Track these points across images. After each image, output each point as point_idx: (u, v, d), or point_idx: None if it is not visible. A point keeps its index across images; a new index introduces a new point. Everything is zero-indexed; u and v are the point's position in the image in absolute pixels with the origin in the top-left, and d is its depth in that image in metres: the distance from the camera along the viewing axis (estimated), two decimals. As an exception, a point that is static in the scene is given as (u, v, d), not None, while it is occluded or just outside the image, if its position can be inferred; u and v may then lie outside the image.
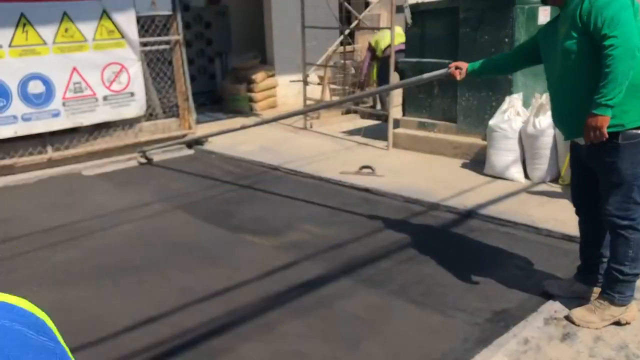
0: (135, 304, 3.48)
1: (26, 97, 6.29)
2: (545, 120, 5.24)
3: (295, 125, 8.51)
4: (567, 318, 3.09)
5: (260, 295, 3.52)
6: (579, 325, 3.02)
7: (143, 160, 6.97)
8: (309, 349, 2.94)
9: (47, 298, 3.58)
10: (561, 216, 4.49)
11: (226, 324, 3.21)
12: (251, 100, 9.94)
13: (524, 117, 5.49)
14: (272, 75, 10.17)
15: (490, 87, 5.97)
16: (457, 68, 3.58)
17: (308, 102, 8.46)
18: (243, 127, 5.94)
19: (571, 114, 2.95)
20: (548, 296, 3.34)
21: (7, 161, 6.36)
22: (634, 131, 2.77)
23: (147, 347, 3.01)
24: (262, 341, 3.03)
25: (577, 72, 2.86)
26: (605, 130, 2.71)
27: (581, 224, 3.29)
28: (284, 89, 10.21)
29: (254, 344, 3.00)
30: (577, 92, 2.88)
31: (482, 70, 3.58)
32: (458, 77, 3.59)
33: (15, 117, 6.25)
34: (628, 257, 2.91)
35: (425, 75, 3.97)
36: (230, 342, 3.03)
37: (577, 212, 3.28)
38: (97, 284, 3.77)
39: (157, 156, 7.25)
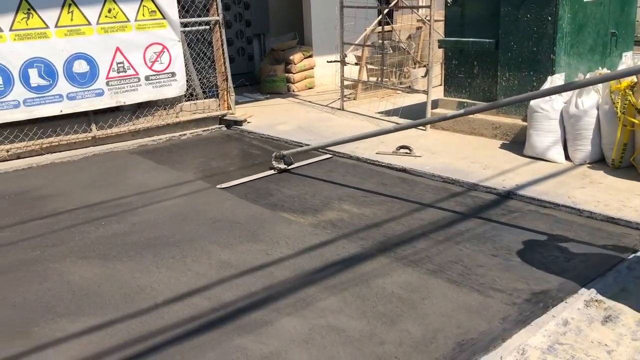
0: (176, 278, 3.57)
1: (71, 77, 6.45)
2: (588, 101, 5.11)
3: (332, 106, 8.51)
4: None
5: (298, 271, 3.57)
6: None
7: (281, 166, 5.63)
8: (346, 325, 2.97)
9: (90, 270, 3.71)
10: (603, 198, 4.40)
11: (264, 298, 3.27)
12: (288, 81, 9.97)
13: (565, 97, 5.36)
14: (310, 56, 10.17)
15: (532, 67, 5.84)
16: None
17: (345, 83, 8.43)
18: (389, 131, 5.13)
19: None
20: (590, 279, 3.29)
21: (54, 139, 6.56)
22: None
23: (187, 320, 3.09)
24: (300, 316, 3.07)
25: None
26: None
27: None
28: (321, 70, 10.21)
29: (291, 318, 3.05)
30: None
31: None
32: None
33: (61, 95, 6.43)
34: None
35: None
36: (268, 316, 3.08)
37: None
38: (140, 257, 3.88)
39: (194, 134, 7.38)
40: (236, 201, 4.88)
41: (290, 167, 5.68)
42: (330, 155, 6.09)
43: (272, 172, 5.60)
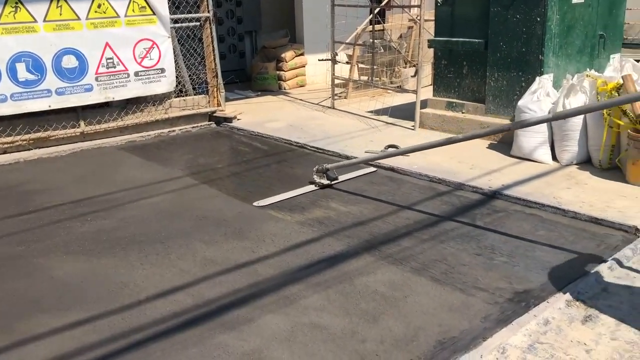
0: (160, 274, 3.56)
1: (60, 72, 6.42)
2: (576, 102, 5.14)
3: (323, 104, 8.51)
4: None
5: (282, 269, 3.58)
6: None
7: (323, 181, 5.03)
8: (329, 322, 2.98)
9: (75, 265, 3.70)
10: (588, 199, 4.43)
11: (248, 295, 3.28)
12: (280, 78, 9.96)
13: (553, 98, 5.40)
14: (302, 54, 10.16)
15: (521, 68, 5.87)
16: None
17: (336, 81, 8.43)
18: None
19: None
20: (572, 278, 3.31)
21: (42, 134, 6.52)
22: None
23: (170, 316, 3.09)
24: (283, 313, 3.08)
25: None
26: None
27: None
28: (312, 68, 10.21)
29: (274, 316, 3.05)
30: None
31: None
32: None
33: (49, 90, 6.39)
34: None
35: None
36: (251, 313, 3.09)
37: None
38: (124, 253, 3.87)
39: (183, 130, 7.36)
40: (224, 198, 4.88)
41: (333, 182, 5.08)
42: (375, 169, 5.55)
43: (312, 187, 5.03)
